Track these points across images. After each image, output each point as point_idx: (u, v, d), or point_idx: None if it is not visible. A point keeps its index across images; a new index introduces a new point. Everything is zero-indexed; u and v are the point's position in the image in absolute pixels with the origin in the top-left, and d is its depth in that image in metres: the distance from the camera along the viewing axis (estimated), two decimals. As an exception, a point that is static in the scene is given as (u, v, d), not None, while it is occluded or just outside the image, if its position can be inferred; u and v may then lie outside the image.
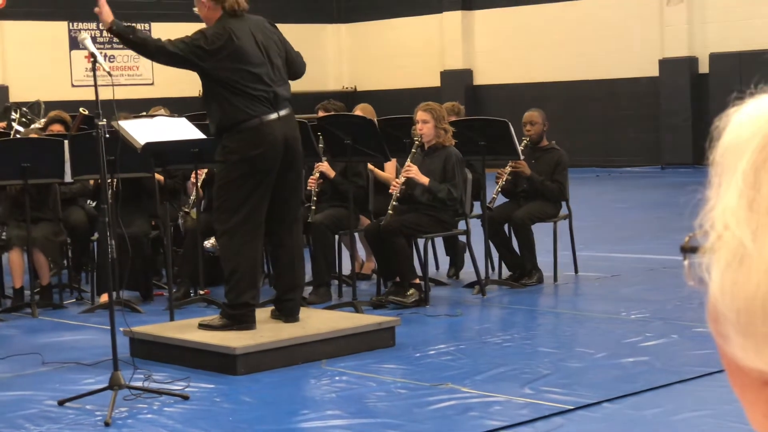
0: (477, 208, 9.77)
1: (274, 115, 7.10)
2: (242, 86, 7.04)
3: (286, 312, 7.38)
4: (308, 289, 9.26)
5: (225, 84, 7.04)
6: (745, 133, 0.86)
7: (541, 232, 9.61)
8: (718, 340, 0.86)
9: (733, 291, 0.83)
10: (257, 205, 7.09)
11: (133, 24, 7.50)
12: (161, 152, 8.22)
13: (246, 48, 7.10)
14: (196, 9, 7.30)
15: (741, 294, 0.82)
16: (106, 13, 6.95)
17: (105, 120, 6.31)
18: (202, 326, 7.19)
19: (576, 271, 9.85)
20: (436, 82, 24.43)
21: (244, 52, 7.09)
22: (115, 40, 7.81)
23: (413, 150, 8.88)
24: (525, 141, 9.62)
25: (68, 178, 8.94)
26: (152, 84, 23.05)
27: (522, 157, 9.36)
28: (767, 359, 0.82)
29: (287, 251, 7.41)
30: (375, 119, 9.32)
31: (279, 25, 7.62)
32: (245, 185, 7.05)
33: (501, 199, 9.74)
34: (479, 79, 24.36)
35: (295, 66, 7.47)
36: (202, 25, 7.29)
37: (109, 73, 6.35)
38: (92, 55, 6.41)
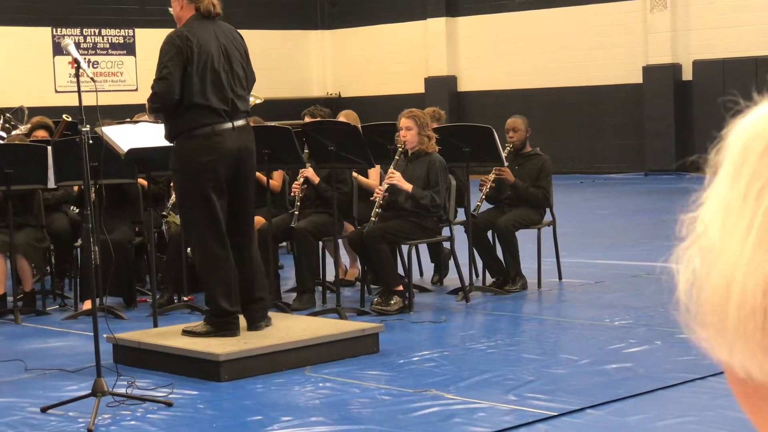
0: (461, 215, 9.77)
1: (228, 125, 7.01)
2: (198, 90, 6.93)
3: (249, 320, 7.30)
4: (292, 296, 9.27)
5: (182, 87, 6.92)
6: (734, 138, 0.88)
7: (525, 238, 9.62)
8: (686, 333, 0.89)
9: (698, 285, 0.86)
10: (216, 214, 6.99)
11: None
12: (145, 158, 8.21)
13: (206, 49, 7.00)
14: (170, 9, 7.24)
15: (705, 287, 0.85)
16: None
17: (88, 126, 6.30)
18: (186, 333, 7.17)
19: (560, 277, 9.86)
20: (420, 88, 24.44)
21: (203, 52, 6.98)
22: (99, 45, 7.80)
23: (396, 157, 8.89)
24: (508, 147, 9.63)
25: (52, 184, 8.92)
26: (136, 90, 22.99)
27: (506, 164, 9.37)
28: (726, 350, 0.84)
29: (248, 264, 7.26)
30: (359, 126, 9.32)
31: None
32: (199, 195, 6.96)
33: (485, 206, 9.75)
34: (463, 86, 24.39)
35: (248, 81, 7.36)
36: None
37: (92, 78, 6.35)
38: (76, 60, 6.41)
